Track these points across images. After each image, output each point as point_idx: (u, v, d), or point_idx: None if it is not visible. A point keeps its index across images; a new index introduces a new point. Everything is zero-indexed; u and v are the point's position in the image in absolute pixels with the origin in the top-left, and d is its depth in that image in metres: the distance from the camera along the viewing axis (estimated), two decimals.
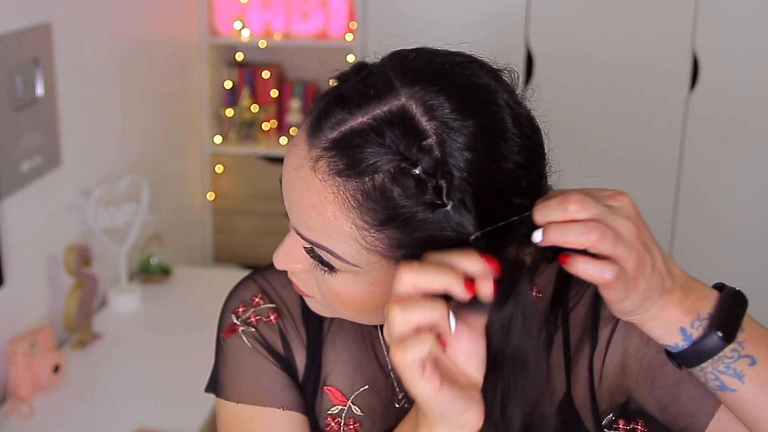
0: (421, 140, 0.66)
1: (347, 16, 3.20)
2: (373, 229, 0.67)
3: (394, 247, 0.68)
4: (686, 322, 0.70)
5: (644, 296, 0.68)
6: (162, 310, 2.38)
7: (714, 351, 0.69)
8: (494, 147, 0.67)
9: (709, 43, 2.94)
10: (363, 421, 0.87)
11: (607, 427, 0.83)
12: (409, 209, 0.66)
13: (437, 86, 0.67)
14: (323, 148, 0.68)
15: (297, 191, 0.70)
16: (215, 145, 3.29)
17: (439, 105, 0.67)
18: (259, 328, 0.89)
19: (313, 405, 0.89)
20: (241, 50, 3.42)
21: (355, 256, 0.69)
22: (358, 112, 0.67)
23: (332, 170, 0.67)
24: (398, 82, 0.68)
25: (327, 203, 0.68)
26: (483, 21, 3.00)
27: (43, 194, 2.08)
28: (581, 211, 0.65)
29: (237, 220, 3.37)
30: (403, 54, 0.72)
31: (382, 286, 0.71)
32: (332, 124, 0.68)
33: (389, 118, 0.66)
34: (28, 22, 1.98)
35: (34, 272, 2.07)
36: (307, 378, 0.89)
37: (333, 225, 0.68)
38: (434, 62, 0.70)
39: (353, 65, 0.73)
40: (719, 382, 0.71)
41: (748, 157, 3.01)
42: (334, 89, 0.71)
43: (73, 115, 2.20)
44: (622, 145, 3.05)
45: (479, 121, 0.67)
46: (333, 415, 0.88)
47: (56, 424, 1.85)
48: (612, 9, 2.97)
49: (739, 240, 3.07)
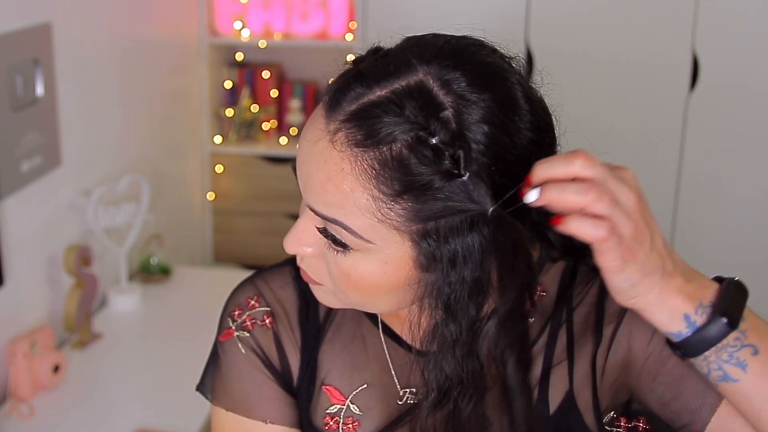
0: (439, 112, 0.67)
1: (347, 16, 3.20)
2: (390, 199, 0.68)
3: (409, 220, 0.69)
4: (690, 309, 0.70)
5: (643, 271, 0.68)
6: (162, 310, 2.38)
7: (718, 338, 0.69)
8: (509, 121, 0.69)
9: (709, 43, 2.94)
10: (362, 420, 0.88)
11: (608, 425, 0.83)
12: (425, 177, 0.67)
13: (453, 62, 0.69)
14: (341, 120, 0.69)
15: (314, 165, 0.71)
16: (215, 145, 3.29)
17: (455, 79, 0.69)
18: (254, 333, 0.90)
19: (308, 405, 0.89)
20: (241, 50, 3.42)
21: (369, 231, 0.70)
22: (377, 86, 0.69)
23: (350, 141, 0.69)
24: (415, 60, 0.70)
25: (344, 174, 0.69)
26: (483, 20, 2.99)
27: (43, 194, 2.08)
28: (586, 167, 0.66)
29: (237, 220, 3.37)
30: (419, 36, 0.74)
31: (394, 264, 0.72)
32: (351, 98, 0.69)
33: (408, 91, 0.68)
34: (28, 22, 1.98)
35: (34, 272, 2.07)
36: (301, 380, 0.90)
37: (349, 197, 0.69)
38: (450, 42, 0.72)
39: (370, 48, 0.75)
40: (722, 372, 0.71)
41: (747, 156, 3.01)
42: (352, 68, 0.73)
43: (73, 115, 2.20)
44: (622, 145, 3.05)
45: (495, 95, 0.69)
46: (331, 414, 0.88)
47: (56, 424, 1.85)
48: (612, 8, 2.98)
49: (739, 240, 3.07)
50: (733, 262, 3.06)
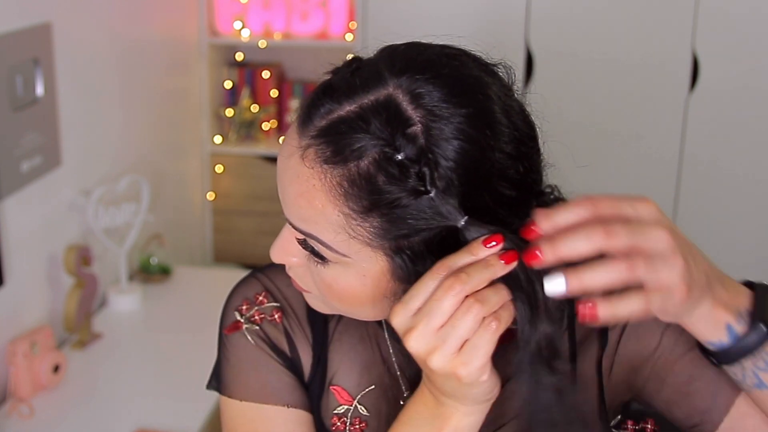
0: (406, 127, 0.66)
1: (347, 16, 3.20)
2: (360, 216, 0.68)
3: (379, 237, 0.68)
4: (732, 319, 0.68)
5: (695, 301, 0.66)
6: (162, 310, 2.38)
7: (756, 345, 0.68)
8: (482, 136, 0.67)
9: (709, 43, 2.94)
10: (369, 421, 0.87)
11: (616, 428, 0.82)
12: (392, 195, 0.66)
13: (425, 75, 0.68)
14: (311, 136, 0.69)
15: (288, 180, 0.72)
16: (215, 145, 3.29)
17: (426, 93, 0.67)
18: (263, 327, 0.89)
19: (319, 404, 0.89)
20: (241, 50, 3.41)
21: (343, 245, 0.70)
22: (346, 101, 0.68)
23: (319, 158, 0.68)
24: (387, 72, 0.69)
25: (315, 191, 0.69)
26: (483, 20, 3.00)
27: (43, 194, 2.08)
28: (607, 239, 0.62)
29: (237, 220, 3.37)
30: (394, 47, 0.73)
31: (372, 277, 0.72)
32: (321, 113, 0.69)
33: (375, 106, 0.67)
34: (28, 22, 1.98)
35: (34, 272, 2.07)
36: (312, 377, 0.89)
37: (321, 213, 0.69)
38: (424, 53, 0.71)
39: (346, 59, 0.74)
40: (757, 380, 0.70)
41: (747, 156, 3.01)
42: (325, 81, 0.72)
43: (73, 115, 2.20)
44: (621, 145, 3.05)
45: (468, 110, 0.67)
46: (339, 415, 0.88)
47: (56, 424, 1.85)
48: (612, 8, 2.97)
49: (740, 240, 3.07)
50: (734, 261, 3.05)
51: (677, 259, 0.63)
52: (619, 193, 0.65)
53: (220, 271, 2.82)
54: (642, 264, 0.62)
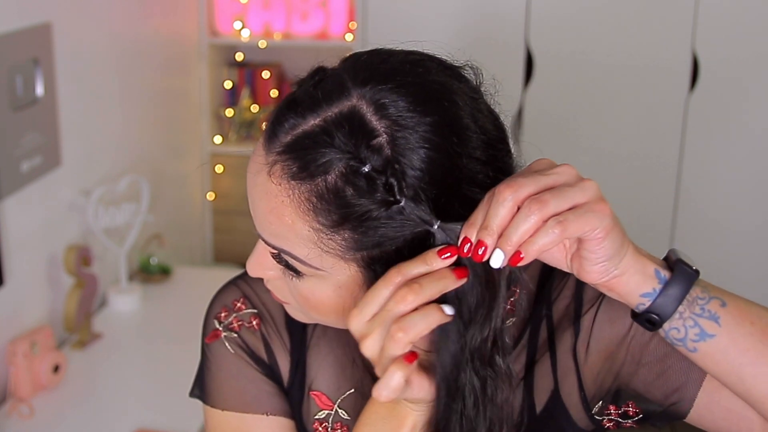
0: (371, 139, 0.66)
1: (347, 16, 3.20)
2: (330, 230, 0.68)
3: (352, 249, 0.68)
4: (656, 264, 0.69)
5: (618, 246, 0.67)
6: (162, 310, 2.38)
7: (687, 287, 0.69)
8: (448, 144, 0.67)
9: (709, 43, 2.94)
10: (350, 425, 0.88)
11: (598, 414, 0.83)
12: (362, 208, 0.66)
13: (389, 84, 0.67)
14: (277, 152, 0.68)
15: (257, 196, 0.71)
16: (215, 145, 3.29)
17: (391, 103, 0.67)
18: (242, 334, 0.90)
19: (300, 410, 0.90)
20: (241, 50, 3.42)
21: (316, 260, 0.70)
22: (310, 115, 0.68)
23: (286, 174, 0.68)
24: (350, 83, 0.68)
25: (284, 207, 0.68)
26: (483, 20, 3.00)
27: (43, 194, 2.08)
28: (515, 193, 0.64)
29: (237, 220, 3.37)
30: (357, 55, 0.72)
31: (348, 289, 0.72)
32: (286, 129, 0.68)
33: (339, 119, 0.67)
34: (28, 22, 1.98)
35: (34, 272, 2.07)
36: (292, 383, 0.90)
37: (292, 229, 0.69)
38: (387, 61, 0.70)
39: (311, 70, 0.73)
40: (698, 329, 0.69)
41: (748, 157, 3.01)
42: (290, 95, 0.71)
43: (73, 115, 2.20)
44: (621, 145, 3.05)
45: (433, 118, 0.67)
46: (320, 420, 0.89)
47: (56, 424, 1.85)
48: (612, 9, 2.97)
49: (739, 240, 3.07)
50: (734, 262, 3.06)
51: (604, 206, 0.65)
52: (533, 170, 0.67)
53: (220, 271, 2.82)
54: (549, 196, 0.64)
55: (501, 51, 2.97)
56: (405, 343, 0.65)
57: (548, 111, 3.04)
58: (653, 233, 3.05)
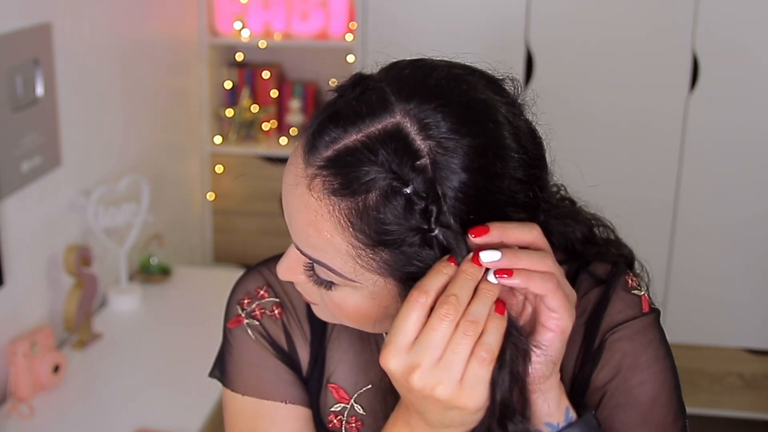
0: (415, 159, 0.65)
1: (347, 16, 3.20)
2: (368, 248, 0.68)
3: (388, 269, 0.69)
4: (569, 403, 0.73)
5: (556, 361, 0.70)
6: (162, 310, 2.38)
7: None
8: (491, 166, 0.67)
9: (709, 43, 2.93)
10: (365, 420, 0.88)
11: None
12: (398, 234, 0.66)
13: (434, 103, 0.67)
14: (318, 166, 0.68)
15: (294, 208, 0.71)
16: (215, 145, 3.29)
17: (434, 123, 0.66)
18: (263, 322, 0.90)
19: (317, 401, 0.90)
20: (241, 50, 3.41)
21: (352, 273, 0.70)
22: (353, 129, 0.67)
23: (327, 189, 0.67)
24: (394, 97, 0.67)
25: (323, 221, 0.68)
26: (483, 20, 3.00)
27: (43, 194, 2.08)
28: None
29: (237, 220, 3.37)
30: (400, 67, 0.71)
31: (382, 298, 0.72)
32: (326, 142, 0.68)
33: (383, 136, 0.66)
34: (28, 22, 1.98)
35: (34, 272, 2.07)
36: (310, 374, 0.90)
37: (330, 242, 0.69)
38: (431, 76, 0.69)
39: (351, 77, 0.72)
40: None
41: (747, 157, 3.01)
42: (330, 105, 0.70)
43: (73, 115, 2.20)
44: (621, 145, 3.05)
45: (476, 140, 0.66)
46: (336, 413, 0.89)
47: (56, 424, 1.85)
48: (612, 9, 2.97)
49: (738, 240, 3.07)
50: (734, 262, 3.06)
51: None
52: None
53: (220, 272, 2.82)
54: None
55: (501, 51, 2.97)
56: (490, 360, 0.65)
57: (548, 111, 3.03)
58: (653, 235, 3.05)
